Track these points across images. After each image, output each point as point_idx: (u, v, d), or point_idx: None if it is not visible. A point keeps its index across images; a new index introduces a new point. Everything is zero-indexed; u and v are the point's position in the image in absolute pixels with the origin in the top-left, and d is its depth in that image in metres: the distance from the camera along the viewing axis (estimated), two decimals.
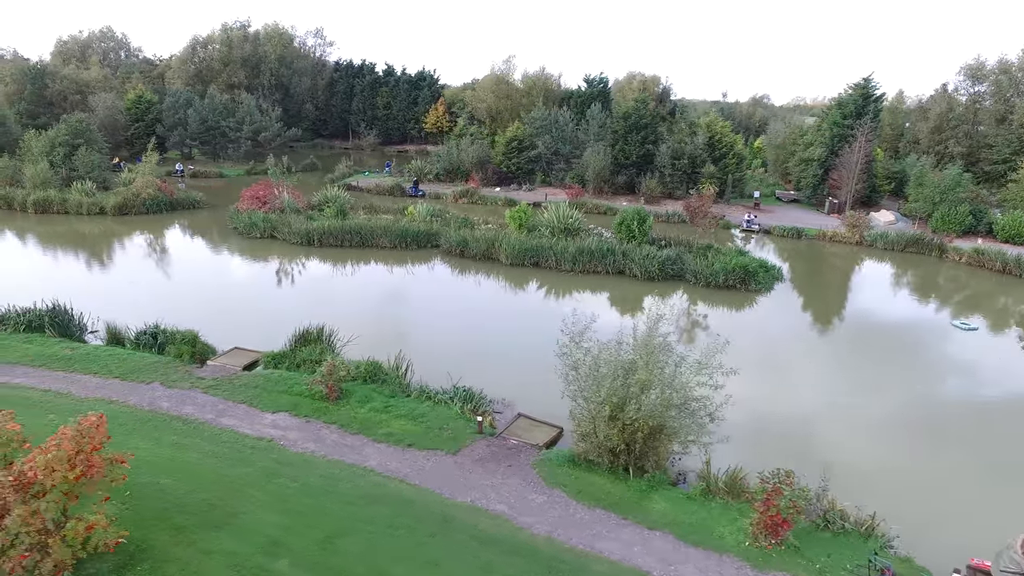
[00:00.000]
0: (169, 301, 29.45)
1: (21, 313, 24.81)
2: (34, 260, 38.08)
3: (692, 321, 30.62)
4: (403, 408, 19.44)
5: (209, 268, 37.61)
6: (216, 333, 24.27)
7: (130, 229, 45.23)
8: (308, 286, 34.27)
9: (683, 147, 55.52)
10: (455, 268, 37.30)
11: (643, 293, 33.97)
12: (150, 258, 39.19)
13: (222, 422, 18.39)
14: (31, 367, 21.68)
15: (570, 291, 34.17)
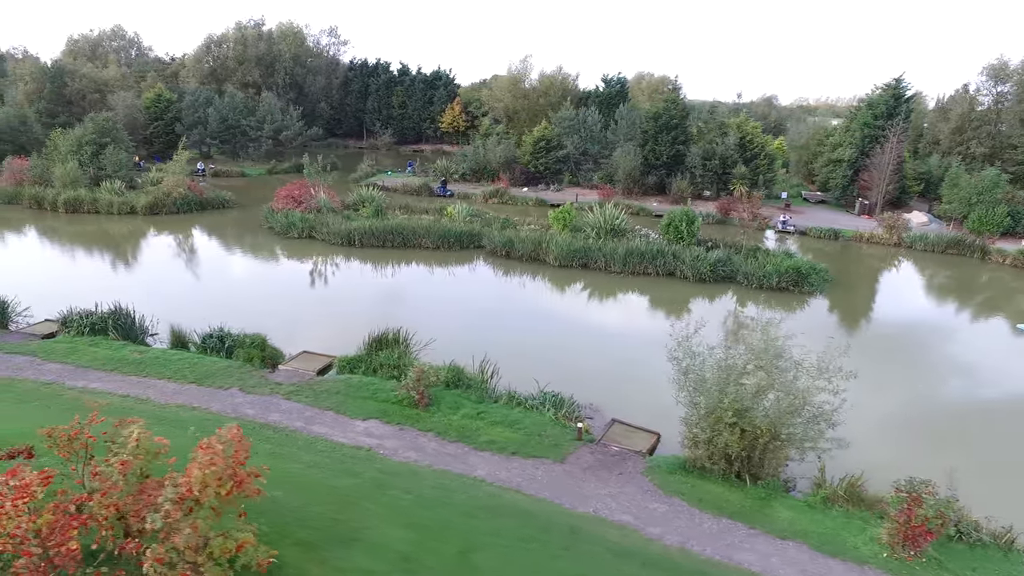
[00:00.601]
0: (222, 303, 28.90)
1: (83, 316, 24.21)
2: (79, 262, 37.42)
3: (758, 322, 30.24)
4: (496, 415, 18.95)
5: (255, 269, 37.04)
6: (275, 336, 23.66)
7: (166, 229, 44.59)
8: (359, 287, 33.81)
9: (714, 147, 55.15)
10: (503, 269, 36.82)
11: (696, 295, 33.59)
12: (195, 259, 38.64)
13: (313, 430, 17.86)
14: (103, 371, 21.13)
15: (625, 292, 33.79)
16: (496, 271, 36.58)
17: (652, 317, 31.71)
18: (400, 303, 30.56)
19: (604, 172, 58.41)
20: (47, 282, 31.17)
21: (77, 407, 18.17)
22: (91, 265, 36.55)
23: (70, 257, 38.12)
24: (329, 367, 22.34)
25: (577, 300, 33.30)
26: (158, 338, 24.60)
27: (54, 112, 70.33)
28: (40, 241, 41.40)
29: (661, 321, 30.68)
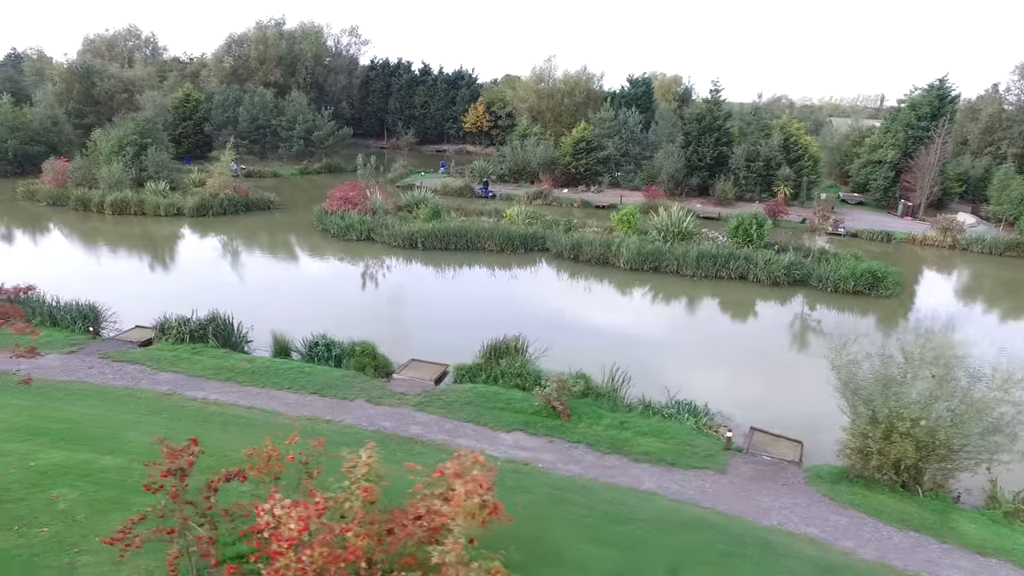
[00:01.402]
0: (296, 309, 28.47)
1: (182, 322, 23.67)
2: (142, 265, 36.74)
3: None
4: (638, 425, 18.57)
5: (322, 272, 36.46)
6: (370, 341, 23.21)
7: (218, 231, 43.97)
8: (436, 291, 33.33)
9: (758, 149, 54.93)
10: (573, 273, 36.42)
11: (772, 298, 33.34)
12: (258, 263, 37.95)
13: (459, 443, 17.37)
14: (217, 381, 20.63)
15: (707, 296, 33.44)
16: (570, 275, 36.13)
17: (748, 320, 31.32)
18: (483, 308, 30.17)
19: (645, 173, 58.09)
20: (118, 287, 30.54)
21: (229, 421, 17.78)
22: (154, 269, 35.93)
23: (134, 261, 37.41)
24: (443, 375, 21.92)
25: (665, 303, 32.93)
26: (253, 345, 24.05)
27: (82, 112, 69.45)
28: (99, 245, 40.62)
29: (759, 324, 30.46)
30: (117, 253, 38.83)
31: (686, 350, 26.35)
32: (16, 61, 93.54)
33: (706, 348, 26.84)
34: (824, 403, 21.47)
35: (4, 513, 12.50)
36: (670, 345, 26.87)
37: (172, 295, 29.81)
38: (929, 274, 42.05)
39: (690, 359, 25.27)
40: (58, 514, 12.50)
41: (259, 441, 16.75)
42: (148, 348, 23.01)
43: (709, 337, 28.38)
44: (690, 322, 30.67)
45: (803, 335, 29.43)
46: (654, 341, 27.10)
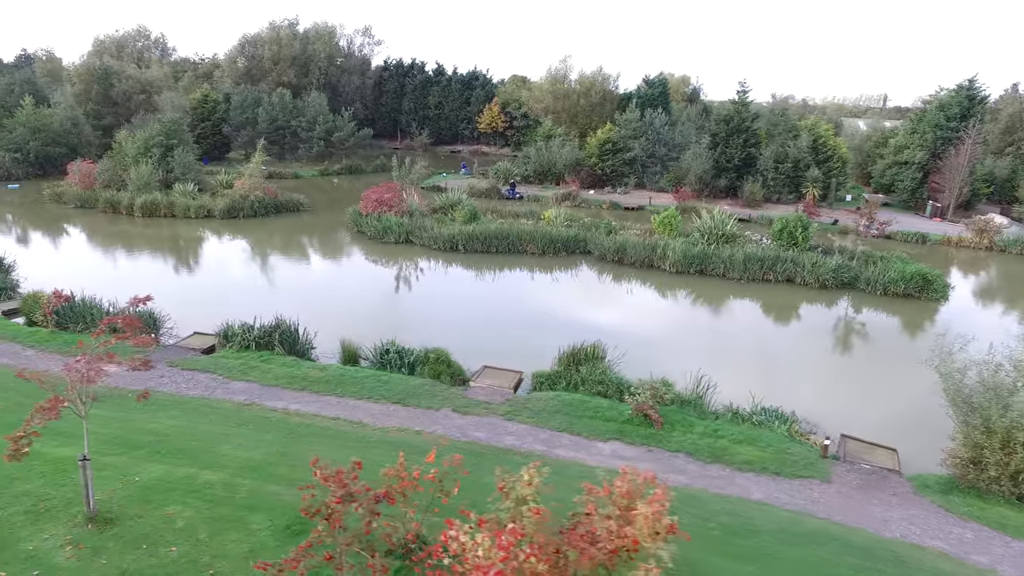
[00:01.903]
0: (346, 313, 28.04)
1: (246, 329, 23.23)
2: (177, 268, 36.29)
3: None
4: (731, 433, 18.24)
5: (372, 276, 35.87)
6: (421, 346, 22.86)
7: (252, 234, 43.52)
8: (488, 294, 32.95)
9: (786, 150, 54.71)
10: (620, 276, 36.04)
11: (822, 301, 33.06)
12: (298, 266, 37.50)
13: (558, 453, 17.06)
14: (292, 390, 20.21)
15: (757, 299, 33.12)
16: (617, 278, 35.76)
17: (805, 324, 30.98)
18: (536, 311, 29.79)
19: (672, 175, 57.83)
20: (162, 291, 29.56)
21: (318, 434, 17.36)
22: (196, 272, 35.45)
23: (174, 264, 36.92)
24: (519, 383, 21.54)
25: (719, 307, 32.57)
26: (316, 352, 23.60)
27: (100, 114, 68.84)
28: (136, 248, 40.04)
29: (817, 327, 30.16)
30: (156, 257, 38.33)
31: (749, 354, 26.01)
32: (27, 62, 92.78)
33: (769, 352, 26.54)
34: (902, 407, 21.32)
35: (127, 531, 12.13)
36: (732, 349, 26.53)
37: (218, 299, 29.47)
38: (973, 277, 41.79)
39: (755, 364, 24.93)
40: (180, 533, 12.15)
41: (356, 455, 16.44)
42: (214, 356, 22.56)
43: (770, 341, 28.11)
44: (748, 326, 30.32)
45: (865, 338, 29.15)
46: (715, 346, 26.77)
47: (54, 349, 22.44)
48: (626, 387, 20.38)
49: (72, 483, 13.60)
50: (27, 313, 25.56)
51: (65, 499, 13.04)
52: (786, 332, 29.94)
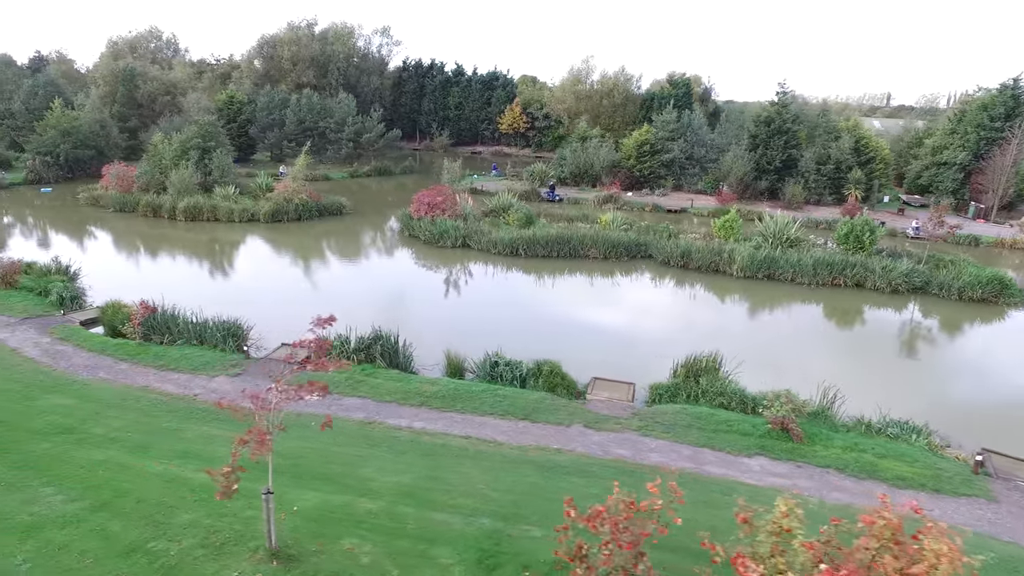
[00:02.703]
0: (436, 321, 27.43)
1: (343, 342, 22.51)
2: (237, 276, 35.51)
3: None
4: (872, 447, 17.66)
5: (436, 282, 34.96)
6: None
7: (303, 237, 42.89)
8: (565, 300, 32.28)
9: (828, 152, 54.33)
10: (686, 281, 35.51)
11: (896, 306, 32.61)
12: (365, 272, 36.75)
13: (708, 471, 16.46)
14: (409, 407, 19.48)
15: (834, 304, 32.64)
16: (682, 283, 35.18)
17: (887, 329, 30.51)
18: (617, 319, 29.21)
19: (712, 177, 57.35)
20: (224, 299, 29.02)
21: (460, 455, 16.68)
22: (258, 279, 34.58)
23: (231, 271, 36.18)
24: (633, 395, 20.94)
25: (797, 312, 32.06)
26: (419, 365, 22.87)
27: (125, 116, 67.80)
28: (190, 254, 39.22)
29: (903, 333, 29.69)
30: (212, 262, 37.58)
31: (845, 362, 25.46)
32: (41, 64, 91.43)
33: (864, 360, 26.01)
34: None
35: (314, 568, 11.49)
36: (826, 357, 26.02)
37: (284, 308, 28.73)
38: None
39: (853, 372, 24.36)
40: (368, 570, 11.56)
41: (508, 477, 15.86)
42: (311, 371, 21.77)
43: (861, 348, 27.59)
44: (836, 332, 29.83)
45: (956, 345, 28.72)
46: (806, 353, 26.28)
47: (147, 363, 21.68)
48: (750, 399, 19.86)
49: (231, 512, 12.94)
50: (108, 323, 24.77)
51: (234, 531, 12.40)
52: (874, 338, 29.34)
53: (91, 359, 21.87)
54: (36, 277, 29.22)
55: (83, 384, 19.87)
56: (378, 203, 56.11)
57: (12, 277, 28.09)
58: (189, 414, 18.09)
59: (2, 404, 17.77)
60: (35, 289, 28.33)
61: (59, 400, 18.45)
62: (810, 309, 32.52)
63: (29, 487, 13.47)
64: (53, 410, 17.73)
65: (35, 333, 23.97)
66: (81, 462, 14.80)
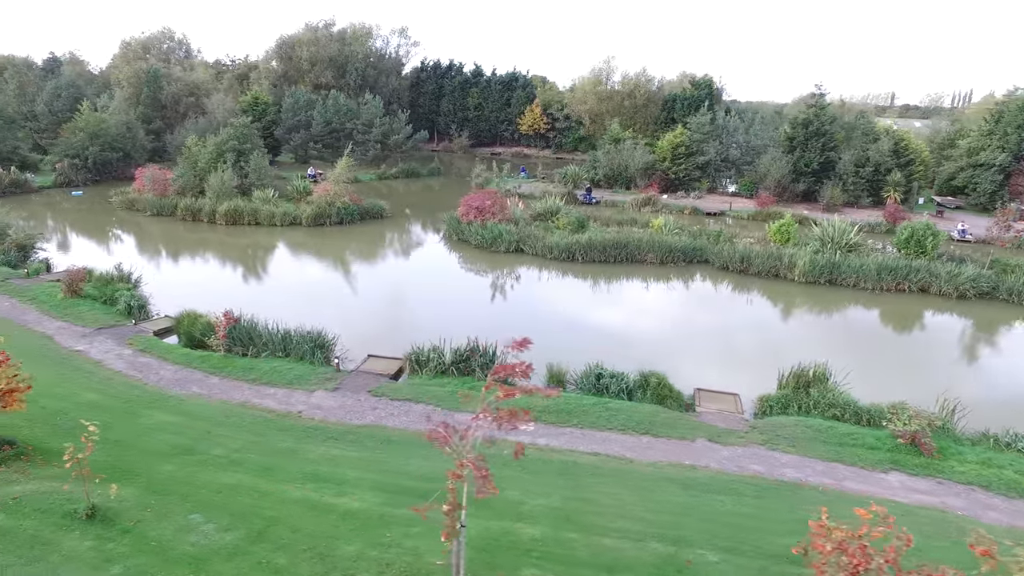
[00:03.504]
0: (509, 329, 26.67)
1: (434, 351, 21.96)
2: (313, 285, 34.79)
3: None
4: (1008, 462, 17.18)
5: (497, 289, 34.36)
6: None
7: (352, 243, 42.46)
8: (631, 307, 31.79)
9: (867, 154, 53.97)
10: (745, 287, 34.97)
11: (969, 313, 32.14)
12: (423, 278, 35.94)
13: (848, 487, 15.99)
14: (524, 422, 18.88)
15: (903, 309, 32.18)
16: (742, 289, 34.65)
17: (967, 334, 30.13)
18: (709, 329, 28.74)
19: (748, 179, 56.94)
20: (289, 308, 28.31)
21: (596, 473, 16.11)
22: (321, 285, 33.89)
23: (286, 277, 35.48)
24: (738, 406, 20.46)
25: (870, 318, 31.53)
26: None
27: (149, 117, 66.94)
28: (236, 260, 38.53)
29: (975, 341, 29.30)
30: (263, 268, 36.95)
31: (940, 371, 25.03)
32: (55, 65, 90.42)
33: (960, 369, 25.58)
34: None
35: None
36: (915, 364, 25.59)
37: (355, 314, 28.18)
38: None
39: (959, 381, 23.91)
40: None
41: (661, 497, 15.25)
42: (409, 383, 21.17)
43: (951, 355, 27.12)
44: (918, 338, 29.37)
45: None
46: (897, 360, 25.82)
47: (237, 376, 21.08)
48: (864, 411, 19.40)
49: (393, 543, 12.43)
50: (184, 333, 24.14)
51: (407, 564, 11.84)
52: (965, 346, 28.82)
53: (178, 372, 21.27)
54: (100, 285, 28.54)
55: (179, 400, 19.28)
56: (412, 206, 55.46)
57: (77, 285, 27.43)
58: (302, 433, 17.50)
59: (110, 421, 17.12)
60: (99, 297, 27.68)
61: (163, 417, 17.86)
62: (886, 315, 31.94)
63: (175, 514, 12.88)
64: (162, 428, 17.15)
65: (113, 344, 23.37)
66: (213, 486, 14.21)
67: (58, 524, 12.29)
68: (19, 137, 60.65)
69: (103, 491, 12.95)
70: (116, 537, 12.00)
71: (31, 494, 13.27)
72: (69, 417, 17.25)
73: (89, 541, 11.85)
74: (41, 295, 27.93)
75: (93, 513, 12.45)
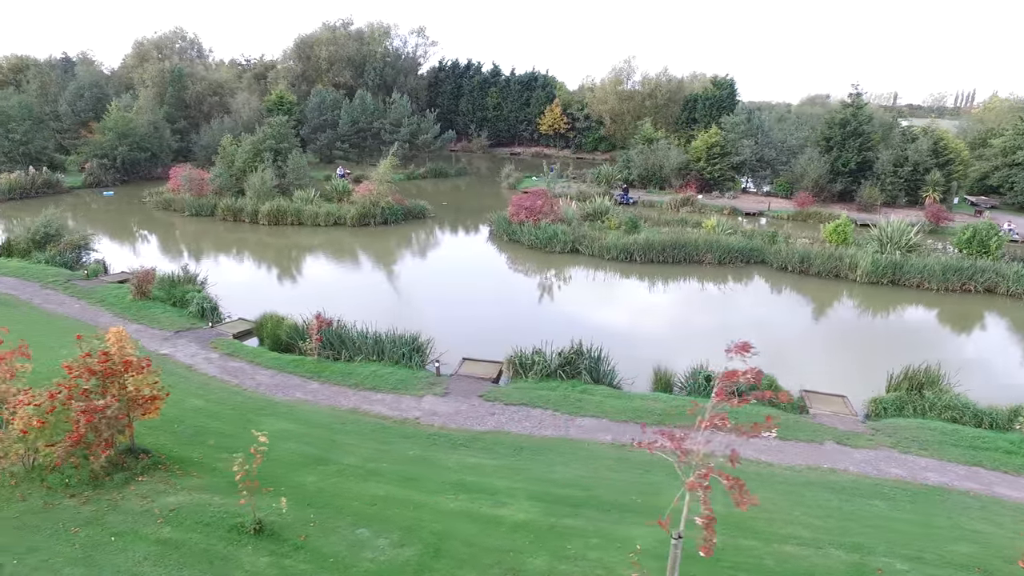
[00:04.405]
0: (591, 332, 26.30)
1: (537, 354, 21.45)
2: (377, 286, 34.17)
3: None
4: None
5: (565, 290, 33.98)
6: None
7: (403, 244, 42.06)
8: (698, 307, 31.37)
9: (906, 154, 53.78)
10: (808, 287, 34.57)
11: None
12: (488, 280, 35.44)
13: (1000, 493, 15.56)
14: (657, 427, 18.33)
15: (972, 311, 31.83)
16: (806, 289, 34.26)
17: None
18: (786, 328, 28.34)
19: (784, 179, 56.67)
20: (359, 309, 27.63)
21: (768, 480, 15.65)
22: (377, 288, 33.33)
23: (345, 278, 34.92)
24: (850, 408, 20.09)
25: (953, 321, 31.16)
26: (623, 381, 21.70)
27: (173, 117, 66.14)
28: (293, 261, 37.97)
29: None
30: (319, 268, 36.36)
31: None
32: (69, 65, 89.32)
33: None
34: None
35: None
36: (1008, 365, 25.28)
37: (426, 318, 27.65)
38: None
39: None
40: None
41: (814, 502, 14.77)
42: (514, 386, 20.52)
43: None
44: (1007, 339, 29.06)
45: None
46: (990, 361, 25.48)
47: (337, 381, 20.50)
48: (984, 414, 19.05)
49: (578, 555, 11.98)
50: (269, 336, 23.54)
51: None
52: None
53: (274, 377, 20.70)
54: (167, 287, 27.91)
55: (288, 406, 18.72)
56: (445, 206, 54.87)
57: (146, 287, 26.83)
58: (427, 440, 16.96)
59: (227, 429, 16.60)
60: (168, 299, 27.08)
61: (280, 424, 17.29)
62: (962, 316, 31.55)
63: (340, 528, 12.36)
64: (283, 435, 16.56)
65: (198, 347, 22.78)
66: (364, 498, 13.68)
67: (226, 538, 11.78)
68: (45, 137, 59.78)
69: (265, 504, 12.45)
70: (290, 553, 11.49)
71: (186, 505, 12.74)
72: (187, 424, 16.75)
73: (265, 557, 11.35)
74: (109, 297, 27.31)
75: (261, 528, 11.93)
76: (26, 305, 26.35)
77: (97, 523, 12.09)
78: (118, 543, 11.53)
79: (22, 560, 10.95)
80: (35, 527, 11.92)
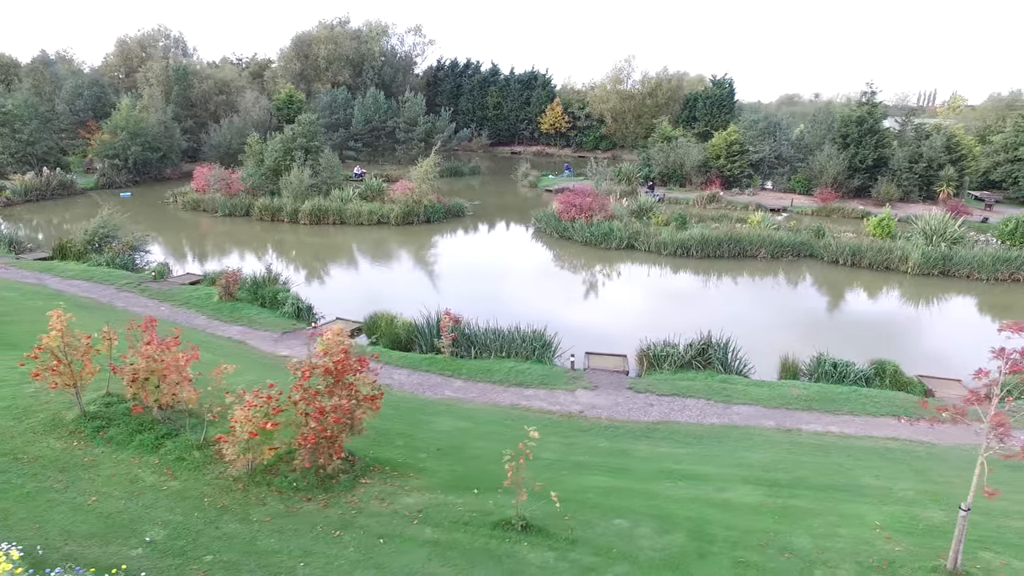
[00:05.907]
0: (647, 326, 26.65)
1: (669, 346, 21.64)
2: (470, 283, 33.64)
3: None
4: None
5: (643, 284, 34.22)
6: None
7: (456, 242, 41.98)
8: (766, 302, 31.94)
9: (921, 151, 55.81)
10: (862, 279, 35.58)
11: None
12: (561, 277, 35.44)
13: None
14: (800, 411, 18.71)
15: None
16: (862, 281, 35.33)
17: None
18: (872, 317, 29.14)
19: (802, 176, 58.14)
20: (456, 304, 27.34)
21: (961, 467, 16.01)
22: (457, 287, 32.90)
23: (414, 276, 34.39)
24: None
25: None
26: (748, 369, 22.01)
27: (179, 116, 63.98)
28: (354, 259, 37.26)
29: None
30: (385, 267, 35.79)
31: None
32: (49, 63, 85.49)
33: None
34: None
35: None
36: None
37: (518, 311, 27.51)
38: None
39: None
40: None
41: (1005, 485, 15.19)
42: (659, 378, 20.63)
43: None
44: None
45: None
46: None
47: (480, 378, 20.33)
48: None
49: (823, 531, 11.98)
50: (384, 334, 23.15)
51: (874, 551, 11.38)
52: None
53: (412, 376, 20.37)
54: (251, 288, 27.08)
55: (446, 404, 18.47)
56: (478, 205, 54.55)
57: (233, 288, 26.03)
58: (607, 432, 16.95)
59: (406, 430, 16.26)
60: (254, 300, 26.31)
61: (453, 422, 17.10)
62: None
63: (595, 521, 12.23)
64: (468, 434, 16.31)
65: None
66: (592, 490, 13.61)
67: (497, 536, 11.57)
68: (51, 137, 57.19)
69: (504, 500, 12.24)
70: (568, 547, 11.37)
71: (430, 506, 12.44)
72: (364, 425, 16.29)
73: (547, 552, 11.19)
74: (193, 299, 26.40)
75: (527, 524, 11.76)
76: (109, 308, 25.25)
77: (354, 526, 11.71)
78: (389, 545, 11.21)
79: (308, 563, 10.56)
80: (293, 530, 11.50)
